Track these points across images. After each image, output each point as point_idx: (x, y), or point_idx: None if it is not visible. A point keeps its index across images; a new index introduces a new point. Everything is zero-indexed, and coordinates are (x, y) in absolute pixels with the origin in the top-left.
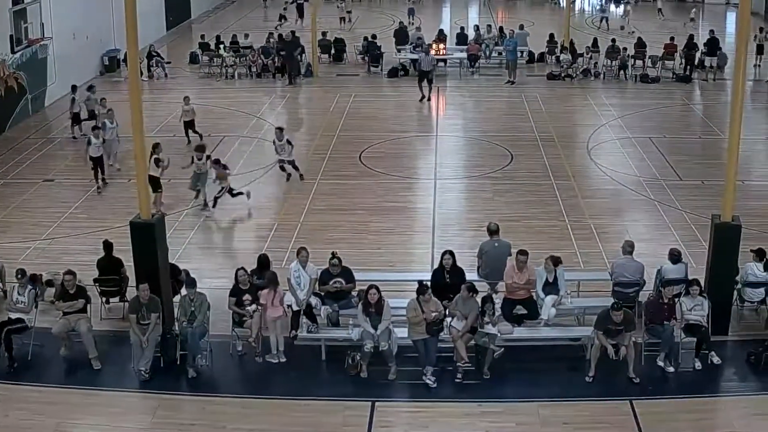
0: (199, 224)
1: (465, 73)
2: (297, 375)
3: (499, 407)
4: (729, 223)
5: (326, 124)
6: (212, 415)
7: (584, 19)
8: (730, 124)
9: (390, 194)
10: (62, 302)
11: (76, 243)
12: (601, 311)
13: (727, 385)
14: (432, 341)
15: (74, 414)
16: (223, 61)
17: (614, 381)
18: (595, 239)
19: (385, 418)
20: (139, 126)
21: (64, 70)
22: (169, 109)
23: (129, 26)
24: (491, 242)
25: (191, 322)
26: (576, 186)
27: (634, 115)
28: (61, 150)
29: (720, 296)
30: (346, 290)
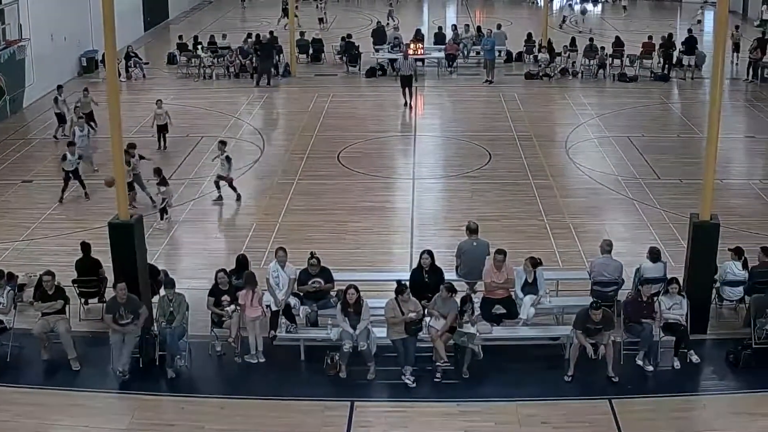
0: (178, 225)
1: (443, 72)
2: (276, 375)
3: (478, 407)
4: (707, 221)
5: (304, 124)
6: (191, 415)
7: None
8: (709, 122)
9: (368, 194)
10: (41, 303)
11: (54, 244)
12: (580, 310)
13: (706, 384)
14: (411, 341)
15: (53, 415)
16: (200, 61)
17: (593, 380)
18: (574, 238)
19: (364, 418)
20: (117, 126)
21: (42, 71)
22: (147, 110)
23: (107, 27)
24: (470, 242)
25: (170, 323)
26: (554, 185)
27: (613, 114)
28: (39, 151)
29: (699, 295)
30: (325, 290)
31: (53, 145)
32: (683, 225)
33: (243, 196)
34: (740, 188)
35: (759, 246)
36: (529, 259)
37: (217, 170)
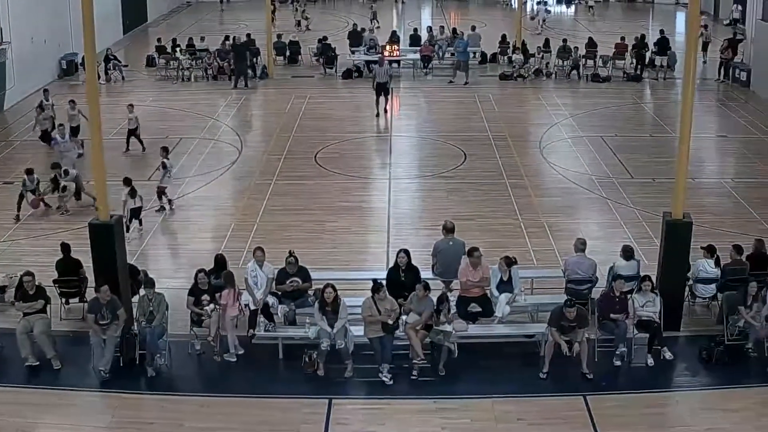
0: (158, 225)
1: (418, 74)
2: (255, 373)
3: (454, 404)
4: (680, 220)
5: (282, 125)
6: (171, 413)
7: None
8: (681, 122)
9: (345, 194)
10: (22, 303)
11: (35, 245)
12: (555, 308)
13: (679, 380)
14: (388, 339)
15: (35, 414)
16: (179, 63)
17: (568, 377)
18: (548, 237)
19: (342, 415)
20: (96, 128)
21: (22, 73)
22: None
23: (86, 30)
24: (445, 241)
25: (150, 322)
26: (529, 185)
27: (586, 114)
28: (20, 153)
29: (672, 292)
30: (303, 289)
31: (34, 147)
32: (656, 223)
33: (222, 197)
34: (712, 187)
35: (731, 244)
36: (504, 258)
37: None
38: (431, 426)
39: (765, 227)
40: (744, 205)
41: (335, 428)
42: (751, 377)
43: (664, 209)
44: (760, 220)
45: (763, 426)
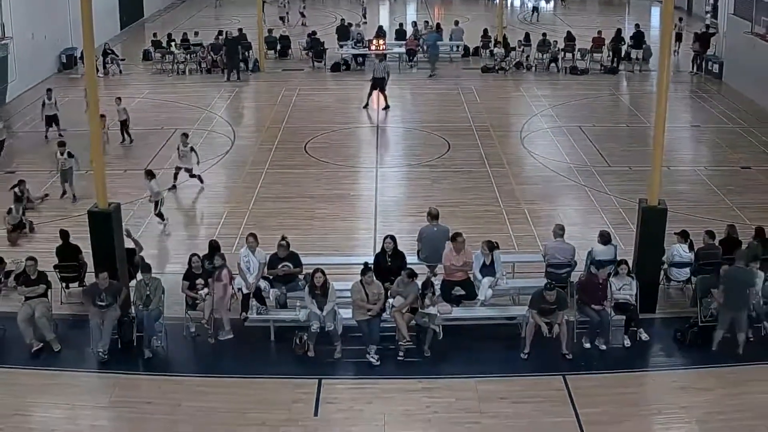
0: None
1: (404, 67)
2: (248, 355)
3: (439, 383)
4: (655, 206)
5: (273, 117)
6: (168, 393)
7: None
8: (656, 112)
9: (334, 182)
10: (24, 287)
11: (37, 231)
12: (535, 291)
13: (655, 360)
14: (375, 322)
15: (36, 394)
16: (174, 57)
17: (548, 357)
18: (529, 223)
19: (331, 394)
20: (95, 120)
21: (23, 68)
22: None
23: (85, 26)
24: (430, 227)
25: (147, 306)
26: (510, 173)
27: (565, 105)
28: (22, 144)
29: (647, 276)
30: (294, 274)
31: (36, 138)
32: (632, 210)
33: (215, 185)
34: (687, 175)
35: (704, 229)
36: (486, 242)
37: (182, 164)
38: (416, 405)
39: (737, 213)
40: (717, 192)
41: (325, 407)
42: (724, 357)
43: (640, 196)
44: (732, 206)
45: (736, 404)
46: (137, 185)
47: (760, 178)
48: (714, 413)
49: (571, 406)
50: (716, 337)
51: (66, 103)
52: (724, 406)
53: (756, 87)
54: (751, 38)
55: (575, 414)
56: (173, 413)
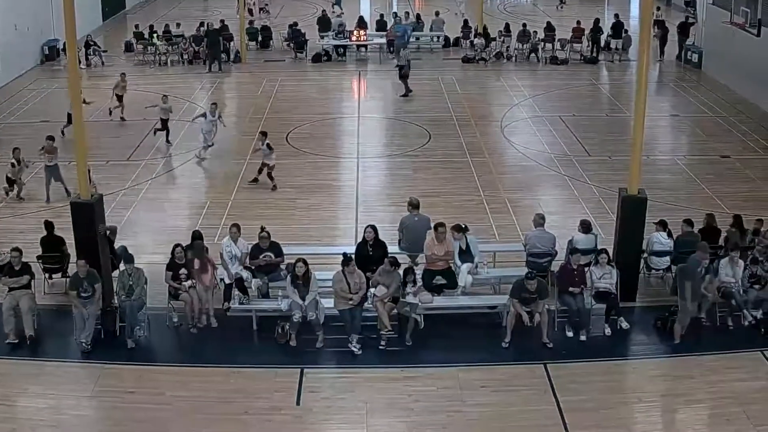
0: (136, 203)
1: (384, 57)
2: (230, 344)
3: (420, 372)
4: (635, 195)
5: (255, 108)
6: (151, 382)
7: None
8: (635, 102)
9: (316, 173)
10: (8, 278)
11: (21, 223)
12: (516, 280)
13: (635, 348)
14: (357, 311)
15: (20, 383)
16: (156, 49)
17: (529, 346)
18: (510, 213)
19: (313, 384)
20: (78, 111)
21: (6, 59)
22: (105, 95)
23: (67, 17)
24: (411, 216)
25: (129, 296)
26: (491, 162)
27: (545, 95)
28: (6, 135)
29: (628, 265)
30: (275, 264)
31: (21, 128)
32: (612, 199)
33: (198, 176)
34: (666, 164)
35: (683, 218)
36: (454, 227)
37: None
38: (398, 393)
39: (716, 202)
40: (696, 181)
41: (307, 396)
42: (704, 345)
43: (619, 185)
44: (712, 195)
45: (715, 391)
46: (120, 177)
47: (739, 167)
48: (693, 401)
49: (552, 394)
50: (677, 331)
51: (49, 94)
52: (703, 393)
53: (735, 76)
54: (730, 28)
55: (556, 402)
56: (156, 402)
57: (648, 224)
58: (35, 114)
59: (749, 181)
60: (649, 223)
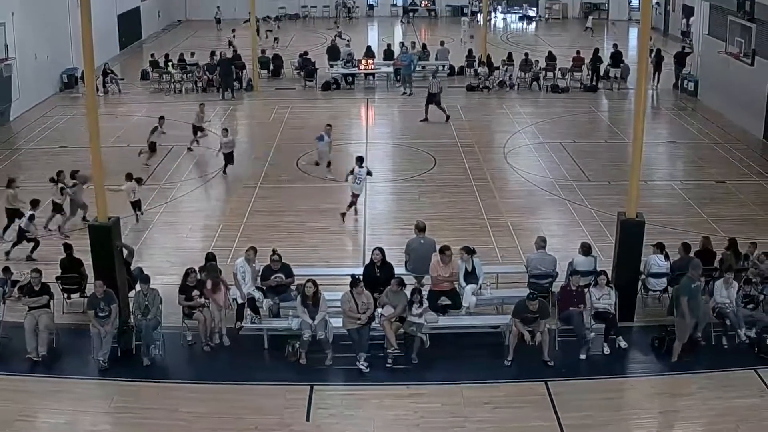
0: (152, 226)
1: (391, 85)
2: (242, 362)
3: (426, 389)
4: (633, 219)
5: (266, 134)
6: (166, 399)
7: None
8: (633, 129)
9: (325, 197)
10: (28, 298)
11: (40, 245)
12: (518, 301)
13: (633, 367)
14: (365, 330)
15: (39, 400)
16: (171, 77)
17: (530, 364)
18: (512, 235)
19: (322, 400)
20: (95, 137)
21: (27, 87)
22: (122, 122)
23: (85, 46)
24: (417, 239)
25: (145, 315)
26: (494, 187)
27: (546, 122)
28: (26, 160)
29: (626, 286)
30: (286, 284)
31: (40, 154)
32: (611, 222)
33: (211, 199)
34: (663, 189)
35: (680, 241)
36: (463, 248)
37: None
38: (405, 410)
39: (711, 226)
40: (692, 205)
41: (316, 412)
42: (700, 364)
43: (618, 209)
44: (707, 219)
45: (710, 408)
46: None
47: (734, 192)
48: (691, 418)
49: (553, 411)
50: (676, 349)
51: (67, 121)
52: (700, 411)
53: (729, 104)
54: (725, 57)
55: (557, 419)
56: (170, 418)
57: (646, 247)
58: (54, 140)
59: (743, 206)
60: (647, 245)
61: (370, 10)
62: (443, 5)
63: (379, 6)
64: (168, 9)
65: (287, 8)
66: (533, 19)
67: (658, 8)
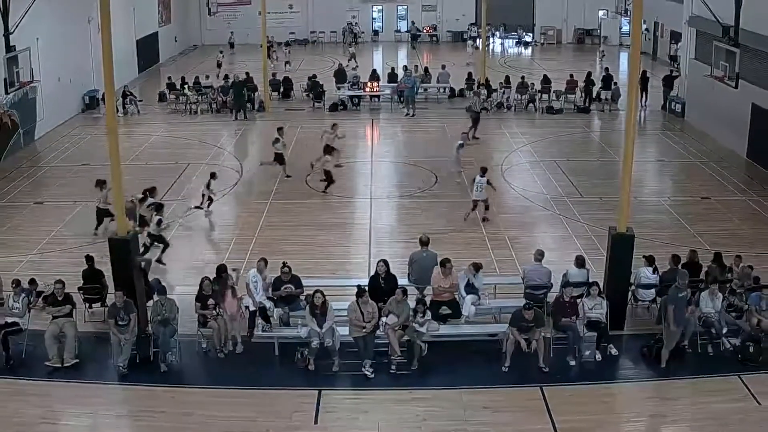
0: (169, 239)
1: (395, 107)
2: (254, 368)
3: (428, 394)
4: (624, 233)
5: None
6: (181, 403)
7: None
8: (624, 148)
9: (332, 212)
10: (52, 307)
11: (63, 257)
12: (515, 310)
13: (623, 373)
14: (370, 338)
15: (62, 404)
16: (187, 99)
17: (527, 370)
18: (509, 248)
19: (330, 404)
20: (115, 155)
21: (50, 108)
22: (141, 141)
23: (106, 69)
24: (420, 252)
25: (162, 324)
26: (492, 203)
27: (541, 142)
28: (49, 177)
29: (617, 296)
30: (295, 295)
31: (64, 171)
32: (603, 236)
33: (224, 215)
34: (652, 205)
35: (668, 254)
36: (472, 264)
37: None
38: (407, 413)
39: (697, 240)
40: (679, 220)
41: (324, 416)
42: (687, 370)
43: (609, 224)
44: (694, 233)
45: (697, 411)
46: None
47: (719, 208)
48: (679, 421)
49: (548, 415)
50: (664, 356)
51: (89, 140)
52: (687, 414)
53: (715, 125)
54: (711, 80)
55: (551, 422)
56: (186, 422)
57: (636, 259)
58: (77, 158)
59: (728, 221)
60: (637, 258)
61: (375, 35)
62: (444, 31)
63: (384, 32)
64: (184, 34)
65: (297, 34)
66: (529, 44)
67: (647, 34)
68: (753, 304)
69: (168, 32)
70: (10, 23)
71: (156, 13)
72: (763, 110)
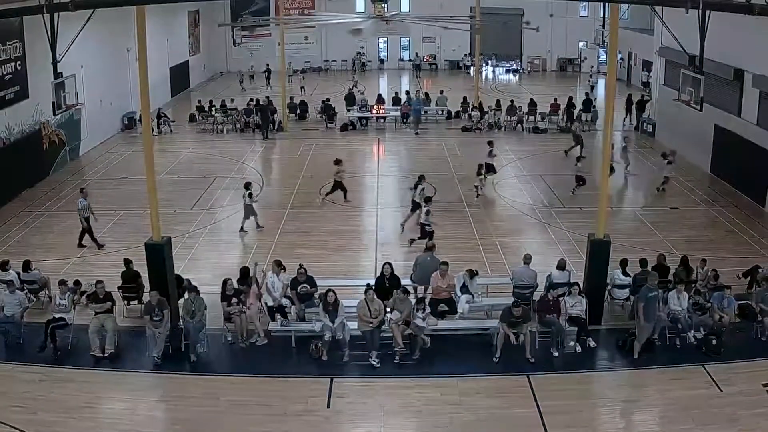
0: (198, 244)
1: (399, 127)
2: (273, 358)
3: (427, 381)
4: (601, 239)
5: (294, 167)
6: (209, 389)
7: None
8: (602, 163)
9: (343, 220)
10: (94, 304)
11: (104, 259)
12: (505, 308)
13: (601, 363)
14: (376, 332)
15: (103, 391)
16: (214, 119)
17: (515, 361)
18: (500, 252)
19: (340, 390)
20: (150, 170)
21: (93, 128)
22: (173, 157)
23: (143, 93)
24: (425, 256)
25: (192, 319)
26: (484, 212)
27: (528, 158)
28: (92, 189)
29: (595, 295)
30: (310, 293)
31: (105, 183)
32: (582, 242)
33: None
34: (626, 214)
35: (639, 257)
36: (468, 270)
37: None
38: (409, 398)
39: (667, 245)
40: (650, 228)
41: (336, 401)
42: (656, 361)
43: (588, 231)
44: (663, 239)
45: (666, 398)
46: (186, 222)
47: (686, 216)
48: (650, 405)
49: (533, 400)
50: (636, 348)
51: (128, 156)
52: (657, 400)
53: (682, 143)
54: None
55: (537, 406)
56: (213, 405)
57: (612, 262)
58: (116, 173)
59: (693, 228)
60: (614, 261)
61: (381, 63)
62: (442, 60)
63: (389, 60)
64: (212, 62)
65: (312, 62)
66: (518, 71)
67: (622, 62)
68: (715, 302)
69: (197, 61)
70: (58, 52)
71: (187, 44)
72: (725, 130)
